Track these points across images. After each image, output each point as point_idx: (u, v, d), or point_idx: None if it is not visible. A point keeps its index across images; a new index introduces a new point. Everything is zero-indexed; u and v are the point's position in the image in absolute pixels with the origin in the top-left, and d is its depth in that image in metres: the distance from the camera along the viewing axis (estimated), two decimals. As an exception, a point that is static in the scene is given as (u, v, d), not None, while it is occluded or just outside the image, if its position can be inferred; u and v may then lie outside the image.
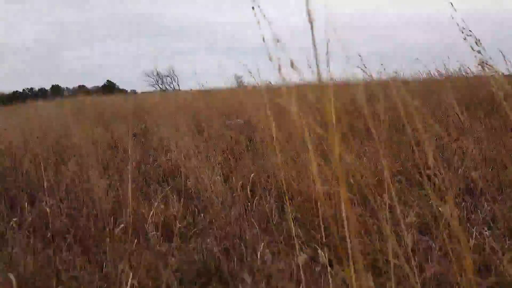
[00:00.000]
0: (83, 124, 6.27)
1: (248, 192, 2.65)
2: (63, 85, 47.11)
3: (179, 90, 27.65)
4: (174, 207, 2.59)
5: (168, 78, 38.41)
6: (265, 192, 2.64)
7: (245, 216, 2.38)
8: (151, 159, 4.21)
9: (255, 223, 2.27)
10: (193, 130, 4.93)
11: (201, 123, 5.84)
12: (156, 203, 2.51)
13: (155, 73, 38.17)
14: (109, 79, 43.49)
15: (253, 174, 2.74)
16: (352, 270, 1.09)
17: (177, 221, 2.40)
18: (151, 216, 2.36)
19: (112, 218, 2.42)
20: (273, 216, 2.38)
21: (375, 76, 6.79)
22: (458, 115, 4.01)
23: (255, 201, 2.52)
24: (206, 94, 9.37)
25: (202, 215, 2.59)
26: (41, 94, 38.44)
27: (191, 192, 2.91)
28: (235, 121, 5.43)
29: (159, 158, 4.21)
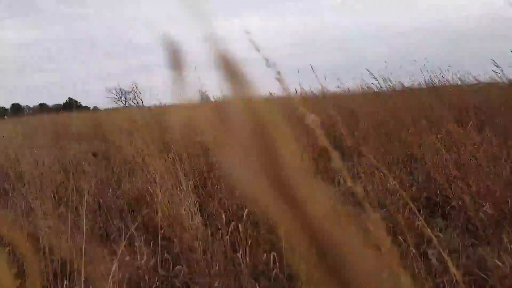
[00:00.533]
0: (37, 144, 5.59)
1: (241, 227, 2.05)
2: (23, 103, 45.22)
3: (143, 106, 26.62)
4: (143, 256, 2.01)
5: (131, 94, 37.26)
6: (257, 231, 2.09)
7: (234, 268, 1.85)
8: (112, 187, 3.61)
9: (248, 278, 1.74)
10: (159, 149, 4.36)
11: (166, 141, 5.26)
12: (119, 252, 1.95)
13: (118, 90, 37.02)
14: (71, 97, 41.93)
15: (246, 211, 2.13)
16: None
17: (146, 277, 1.85)
18: (113, 274, 1.80)
19: (60, 277, 1.84)
20: (271, 266, 1.85)
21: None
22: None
23: (248, 245, 1.94)
24: (168, 110, 8.75)
25: (180, 265, 2.03)
26: (1, 112, 36.60)
27: (163, 232, 2.34)
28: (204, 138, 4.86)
29: (122, 184, 3.61)
